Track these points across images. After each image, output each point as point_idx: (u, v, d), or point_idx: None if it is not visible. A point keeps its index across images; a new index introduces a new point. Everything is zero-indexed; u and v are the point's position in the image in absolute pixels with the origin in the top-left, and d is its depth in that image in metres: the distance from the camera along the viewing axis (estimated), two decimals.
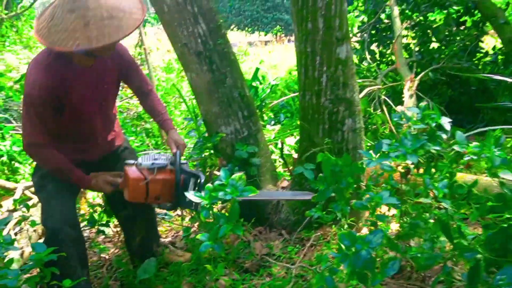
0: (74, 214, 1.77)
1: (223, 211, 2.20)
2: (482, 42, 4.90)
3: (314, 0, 1.99)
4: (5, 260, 1.53)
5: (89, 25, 1.42)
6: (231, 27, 16.74)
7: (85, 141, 1.84)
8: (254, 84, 4.39)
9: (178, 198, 1.71)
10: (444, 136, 1.70)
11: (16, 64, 6.84)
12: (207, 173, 2.45)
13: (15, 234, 2.41)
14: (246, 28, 17.66)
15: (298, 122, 4.42)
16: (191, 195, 1.43)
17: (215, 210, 1.45)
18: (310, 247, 2.11)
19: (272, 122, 4.71)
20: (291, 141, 3.78)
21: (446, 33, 4.94)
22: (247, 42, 14.34)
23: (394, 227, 2.18)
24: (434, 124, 1.74)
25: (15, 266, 1.70)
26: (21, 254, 1.98)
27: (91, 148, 1.86)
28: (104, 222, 2.31)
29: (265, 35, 17.50)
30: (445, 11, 4.91)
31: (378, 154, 1.51)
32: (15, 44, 7.72)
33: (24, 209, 2.12)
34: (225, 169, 1.47)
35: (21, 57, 7.47)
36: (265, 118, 4.29)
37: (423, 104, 1.71)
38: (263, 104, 3.94)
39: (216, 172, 2.51)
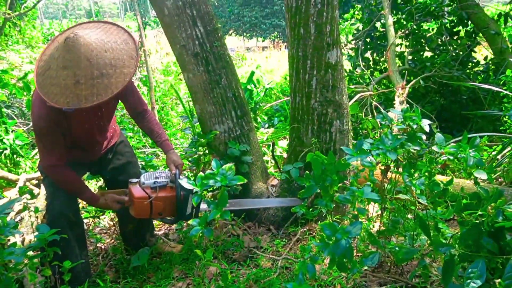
0: (75, 200, 1.90)
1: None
2: (474, 52, 5.04)
3: (307, 6, 2.10)
4: (9, 243, 1.62)
5: (80, 83, 1.49)
6: (230, 32, 16.91)
7: (87, 150, 1.98)
8: (249, 87, 4.49)
9: (179, 213, 1.85)
10: (424, 137, 1.80)
11: (19, 62, 6.94)
12: (201, 170, 2.54)
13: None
14: (245, 34, 17.84)
15: None
16: (184, 182, 1.53)
17: None
18: (296, 241, 2.20)
19: (266, 125, 4.82)
20: (284, 143, 3.89)
21: (439, 42, 5.08)
22: (245, 47, 14.51)
23: (378, 225, 2.28)
24: (415, 126, 1.85)
25: None
26: (22, 241, 2.06)
27: (93, 152, 2.01)
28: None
29: (263, 41, 17.68)
30: (438, 21, 5.06)
31: (359, 151, 1.61)
32: (17, 43, 7.82)
33: (25, 200, 2.21)
34: (216, 160, 1.57)
35: (24, 56, 7.57)
36: (259, 120, 4.39)
37: (404, 107, 1.81)
38: (257, 106, 4.05)
39: (209, 171, 2.61)
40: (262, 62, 9.29)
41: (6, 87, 4.18)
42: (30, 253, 1.72)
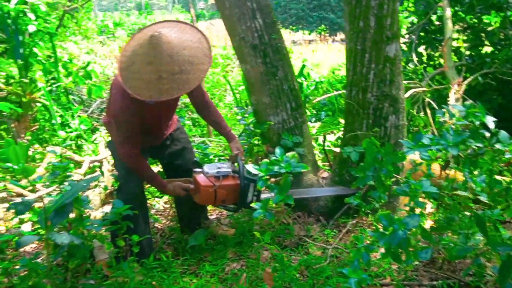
0: (143, 183, 2.08)
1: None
2: None
3: None
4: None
5: (162, 78, 1.62)
6: None
7: (154, 136, 2.15)
8: (299, 80, 4.52)
9: (241, 201, 1.96)
10: (487, 134, 1.76)
11: (78, 53, 7.40)
12: (254, 158, 2.63)
13: None
14: (291, 27, 17.70)
15: (340, 119, 4.53)
16: (251, 167, 1.62)
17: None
18: (346, 232, 2.23)
19: (313, 119, 4.83)
20: (331, 138, 3.90)
21: (501, 36, 4.77)
22: (291, 40, 14.41)
23: (431, 222, 2.25)
24: (478, 123, 1.81)
25: None
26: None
27: (158, 138, 2.18)
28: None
29: (309, 34, 17.45)
30: (502, 14, 4.76)
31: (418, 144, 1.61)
32: (74, 35, 8.34)
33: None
34: (280, 147, 1.64)
35: (82, 46, 8.06)
36: (308, 113, 4.42)
37: (468, 102, 1.77)
38: (307, 100, 4.08)
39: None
40: (308, 56, 9.21)
41: (71, 75, 4.54)
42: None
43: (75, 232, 1.68)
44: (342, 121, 4.53)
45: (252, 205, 1.55)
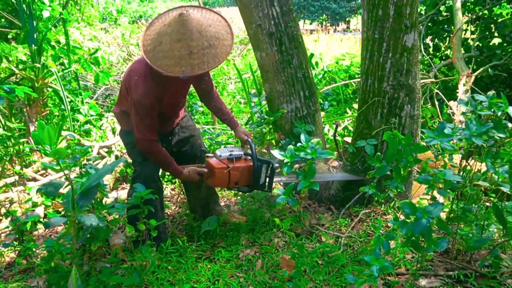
0: (159, 169, 2.08)
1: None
2: None
3: None
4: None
5: (193, 53, 1.66)
6: None
7: (167, 123, 2.15)
8: None
9: (254, 182, 1.97)
10: (510, 125, 1.75)
11: (81, 39, 7.30)
12: (265, 146, 2.63)
13: None
14: None
15: (347, 109, 4.50)
16: (276, 152, 1.62)
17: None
18: (358, 222, 2.23)
19: None
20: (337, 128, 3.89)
21: None
22: None
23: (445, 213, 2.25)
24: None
25: None
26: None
27: (170, 125, 2.18)
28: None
29: (311, 23, 17.32)
30: None
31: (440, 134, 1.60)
32: (77, 22, 8.23)
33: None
34: (306, 134, 1.63)
35: (85, 33, 7.95)
36: None
37: (490, 93, 1.76)
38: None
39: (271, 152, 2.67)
40: (310, 46, 9.14)
41: (79, 61, 4.49)
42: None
43: (97, 215, 1.67)
44: (349, 111, 4.53)
45: (276, 190, 1.55)
